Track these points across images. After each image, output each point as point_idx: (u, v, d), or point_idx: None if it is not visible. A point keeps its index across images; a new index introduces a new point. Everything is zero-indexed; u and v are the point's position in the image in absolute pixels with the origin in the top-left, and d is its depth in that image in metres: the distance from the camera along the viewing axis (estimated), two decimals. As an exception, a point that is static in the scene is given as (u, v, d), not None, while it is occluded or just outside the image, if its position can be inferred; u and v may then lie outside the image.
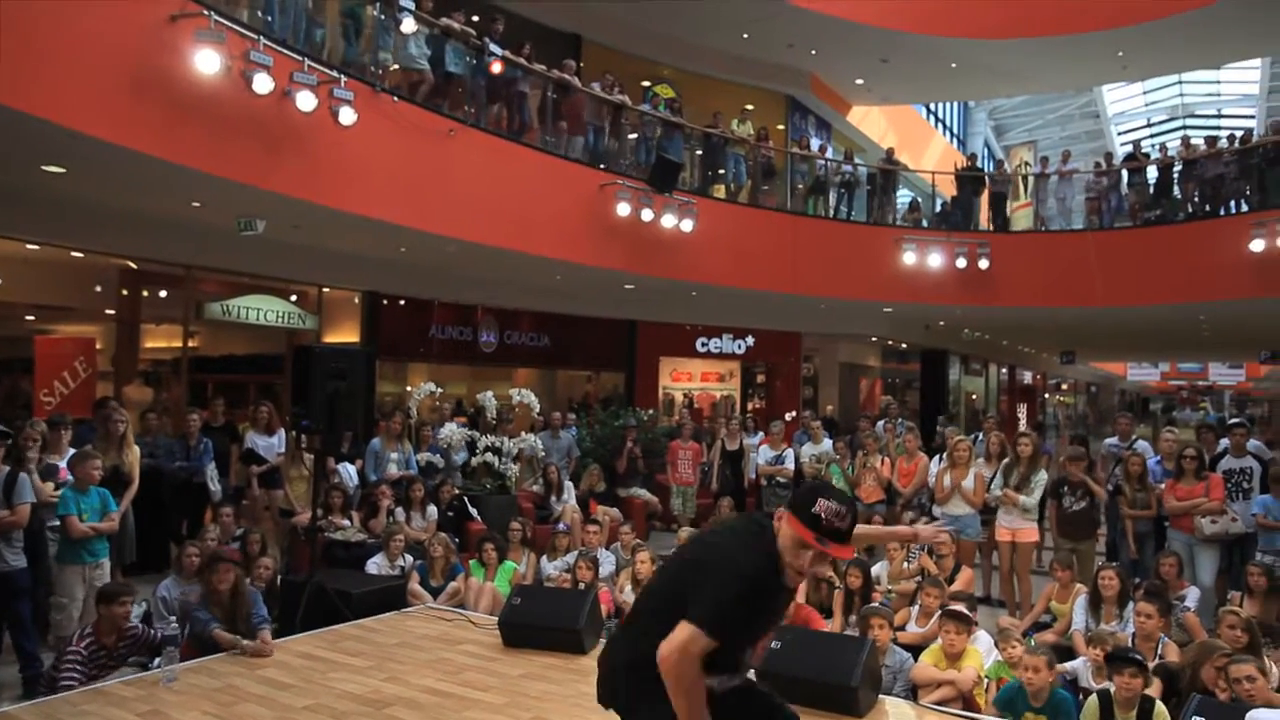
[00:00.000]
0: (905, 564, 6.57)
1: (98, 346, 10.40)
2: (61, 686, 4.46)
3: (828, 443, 9.44)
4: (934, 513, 7.65)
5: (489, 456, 9.17)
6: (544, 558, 7.10)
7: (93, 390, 9.99)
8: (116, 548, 6.16)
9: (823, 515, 2.39)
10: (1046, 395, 31.22)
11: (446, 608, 6.09)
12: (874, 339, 18.00)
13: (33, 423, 6.36)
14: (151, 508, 7.27)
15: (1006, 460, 7.46)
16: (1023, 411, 25.60)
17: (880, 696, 4.30)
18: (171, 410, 9.93)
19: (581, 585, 6.03)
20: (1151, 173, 13.46)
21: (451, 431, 9.09)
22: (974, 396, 23.03)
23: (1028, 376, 28.87)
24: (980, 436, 8.92)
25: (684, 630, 2.35)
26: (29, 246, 9.09)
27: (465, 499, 8.49)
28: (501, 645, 5.08)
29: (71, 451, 6.28)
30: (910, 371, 20.01)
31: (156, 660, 4.78)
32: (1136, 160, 13.99)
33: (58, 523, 5.68)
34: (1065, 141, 26.47)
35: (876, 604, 5.47)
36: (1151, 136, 26.18)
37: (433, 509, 7.99)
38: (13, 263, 9.34)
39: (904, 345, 18.63)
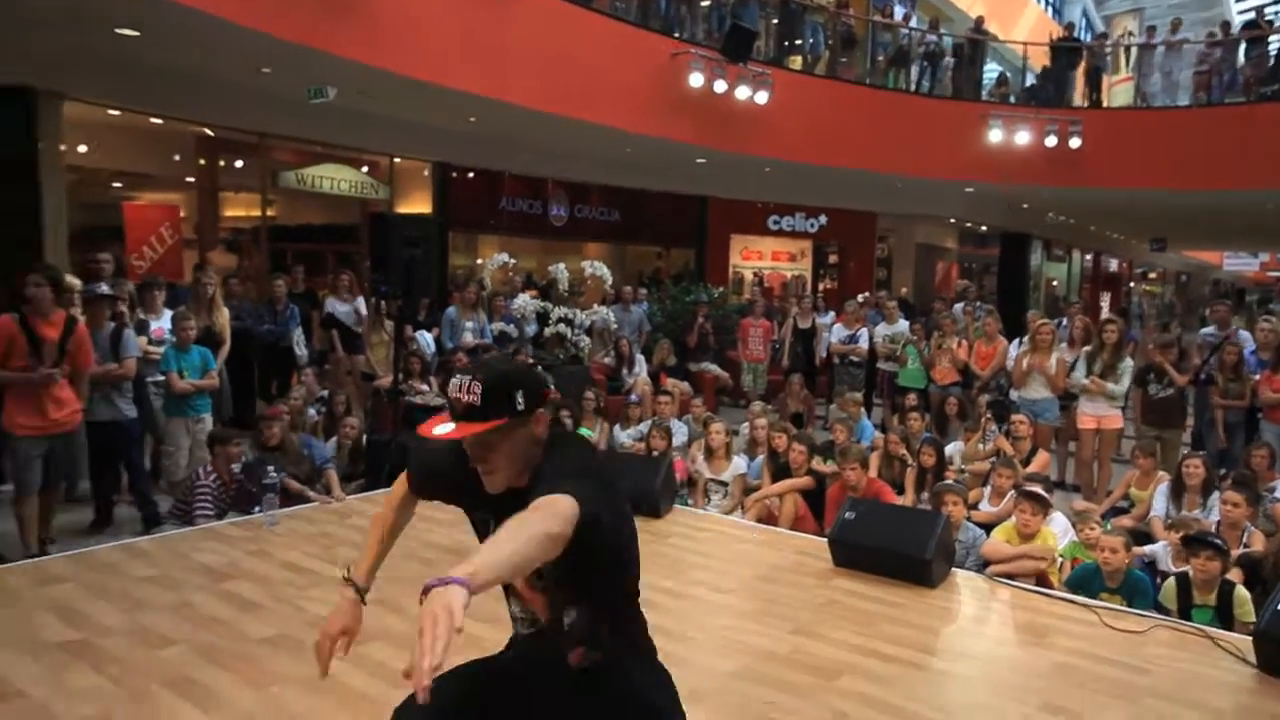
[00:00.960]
0: (980, 445, 6.52)
1: (181, 214, 10.65)
2: (198, 517, 5.00)
3: (903, 323, 9.28)
4: (1011, 396, 7.51)
5: (561, 328, 9.25)
6: (616, 427, 7.24)
7: (179, 256, 10.29)
8: (217, 404, 6.47)
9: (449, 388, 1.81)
10: (1132, 284, 30.02)
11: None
12: (952, 220, 17.39)
13: (122, 283, 6.60)
14: (240, 369, 7.58)
15: (1090, 347, 7.24)
16: (1106, 300, 24.69)
17: (953, 569, 4.34)
18: (253, 277, 10.21)
19: (655, 453, 6.14)
20: (1275, 44, 12.38)
21: (525, 302, 9.17)
22: (1054, 283, 22.27)
23: (1113, 264, 27.72)
24: (1064, 322, 8.67)
25: None
26: (111, 113, 9.20)
27: (538, 368, 8.63)
28: (579, 506, 5.25)
29: (167, 312, 6.54)
30: (989, 256, 19.36)
31: (256, 508, 5.08)
32: (1259, 29, 12.87)
33: (160, 377, 5.97)
34: (1175, 10, 24.46)
35: (950, 482, 5.46)
36: (1276, 3, 24.00)
37: (507, 377, 8.15)
38: (98, 129, 9.48)
39: (984, 228, 17.97)
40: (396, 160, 11.68)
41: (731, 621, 3.68)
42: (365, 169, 11.44)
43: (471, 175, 12.22)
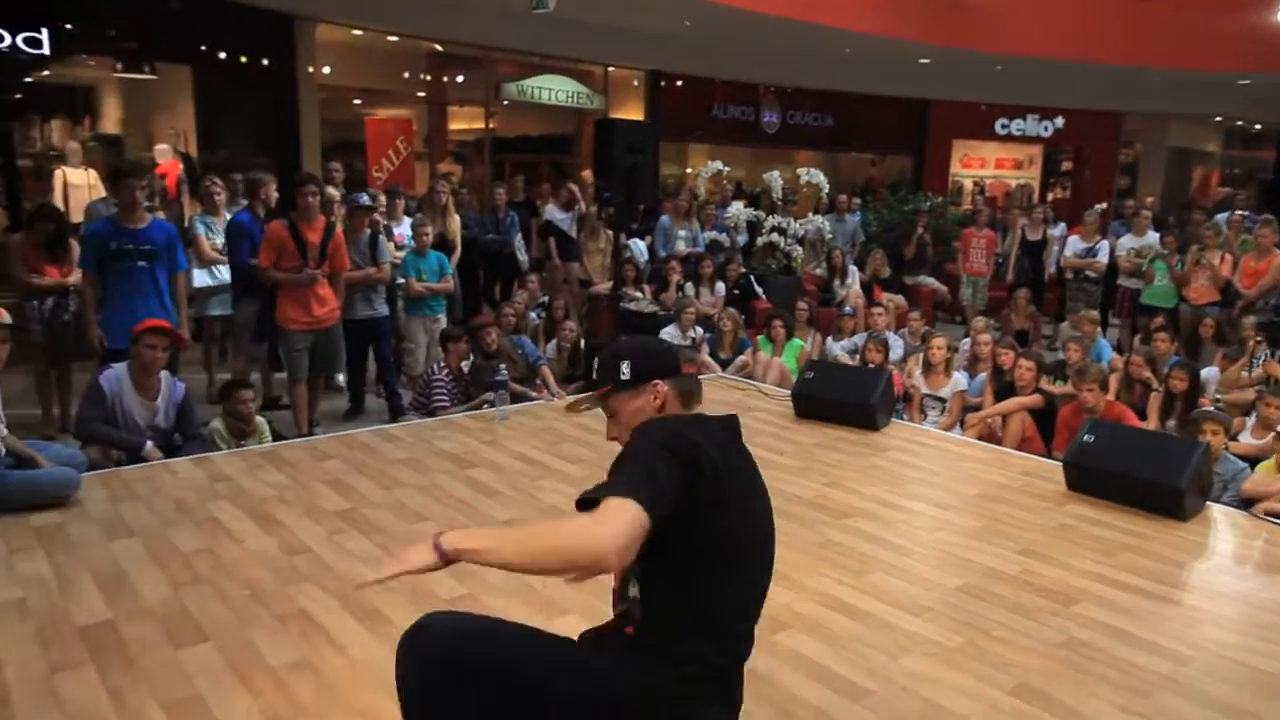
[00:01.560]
0: (1244, 372, 5.86)
1: (413, 128, 11.34)
2: (437, 408, 5.53)
3: (1153, 235, 8.38)
4: (1283, 318, 6.67)
5: (774, 237, 9.12)
6: (829, 339, 7.12)
7: (411, 168, 11.02)
8: (451, 307, 6.96)
9: None
10: None
11: (736, 378, 6.35)
12: (1218, 118, 15.35)
13: (375, 194, 7.15)
14: (467, 274, 8.07)
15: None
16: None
17: (1208, 504, 3.98)
18: (476, 187, 10.76)
19: (870, 366, 6.00)
20: None
21: (738, 211, 9.10)
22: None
23: None
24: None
25: None
26: (354, 33, 9.84)
27: (751, 278, 8.59)
28: (793, 415, 5.25)
29: (406, 220, 7.05)
30: (1259, 159, 16.99)
31: (486, 405, 5.47)
32: None
33: (401, 280, 6.47)
34: None
35: (1210, 409, 4.97)
36: None
37: (720, 285, 8.19)
38: (341, 49, 10.21)
39: (1257, 126, 15.72)
40: (610, 69, 11.77)
41: (954, 538, 3.59)
42: (580, 80, 11.62)
43: (682, 83, 12.13)
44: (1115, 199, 13.52)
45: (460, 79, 11.87)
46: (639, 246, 8.69)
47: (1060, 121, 14.22)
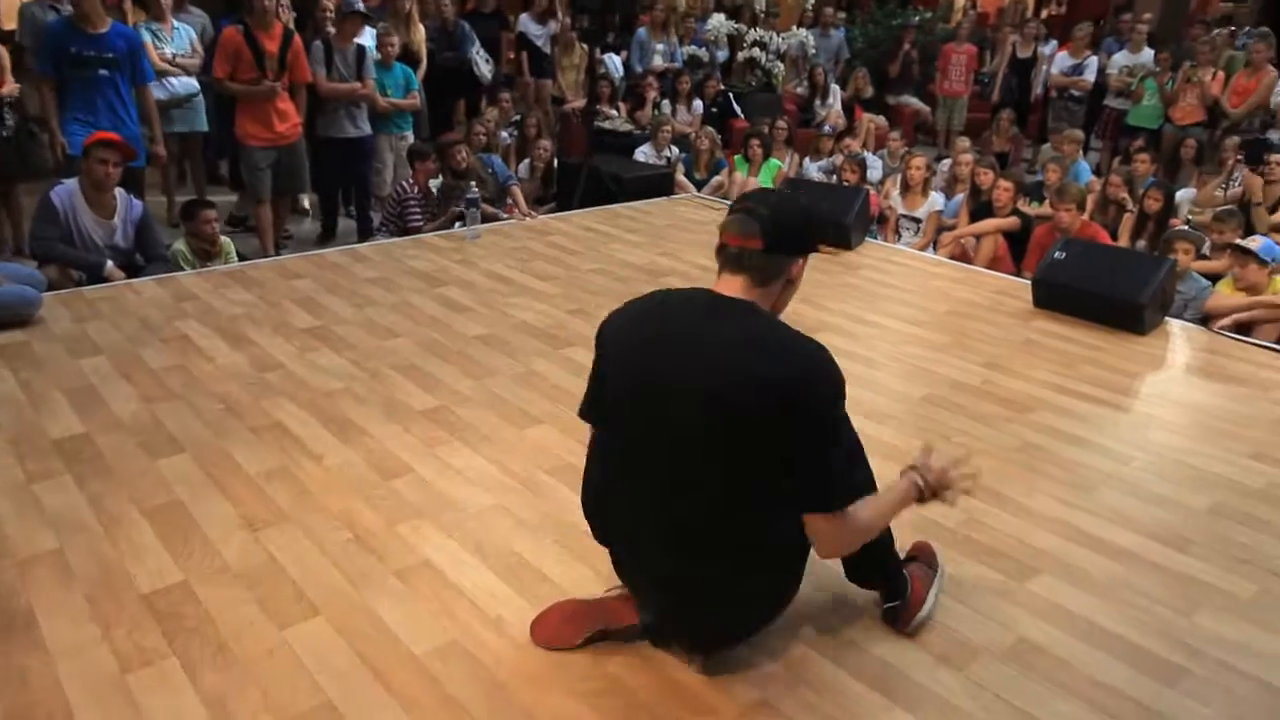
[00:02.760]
0: (1219, 191, 5.83)
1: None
2: (412, 227, 5.42)
3: (1148, 52, 8.07)
4: (1269, 138, 6.56)
5: (755, 52, 8.73)
6: (807, 159, 6.97)
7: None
8: (417, 124, 6.68)
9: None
10: None
11: (712, 198, 6.24)
12: (1226, -73, 14.49)
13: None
14: (434, 90, 7.69)
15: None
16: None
17: (1167, 319, 4.06)
18: (445, -1, 10.07)
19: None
20: None
21: (719, 23, 8.66)
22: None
23: None
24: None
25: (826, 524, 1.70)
26: None
27: (730, 95, 8.29)
28: (767, 236, 5.20)
29: (368, 30, 6.63)
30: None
31: (456, 224, 5.37)
32: None
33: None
34: None
35: (1184, 228, 4.97)
36: None
37: (698, 103, 7.92)
38: None
39: (1265, -64, 14.91)
40: None
41: (922, 351, 3.65)
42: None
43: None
44: (1112, 15, 12.95)
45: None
46: (614, 62, 8.31)
47: (1061, -72, 13.40)
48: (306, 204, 6.30)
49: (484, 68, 7.90)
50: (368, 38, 6.49)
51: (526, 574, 2.20)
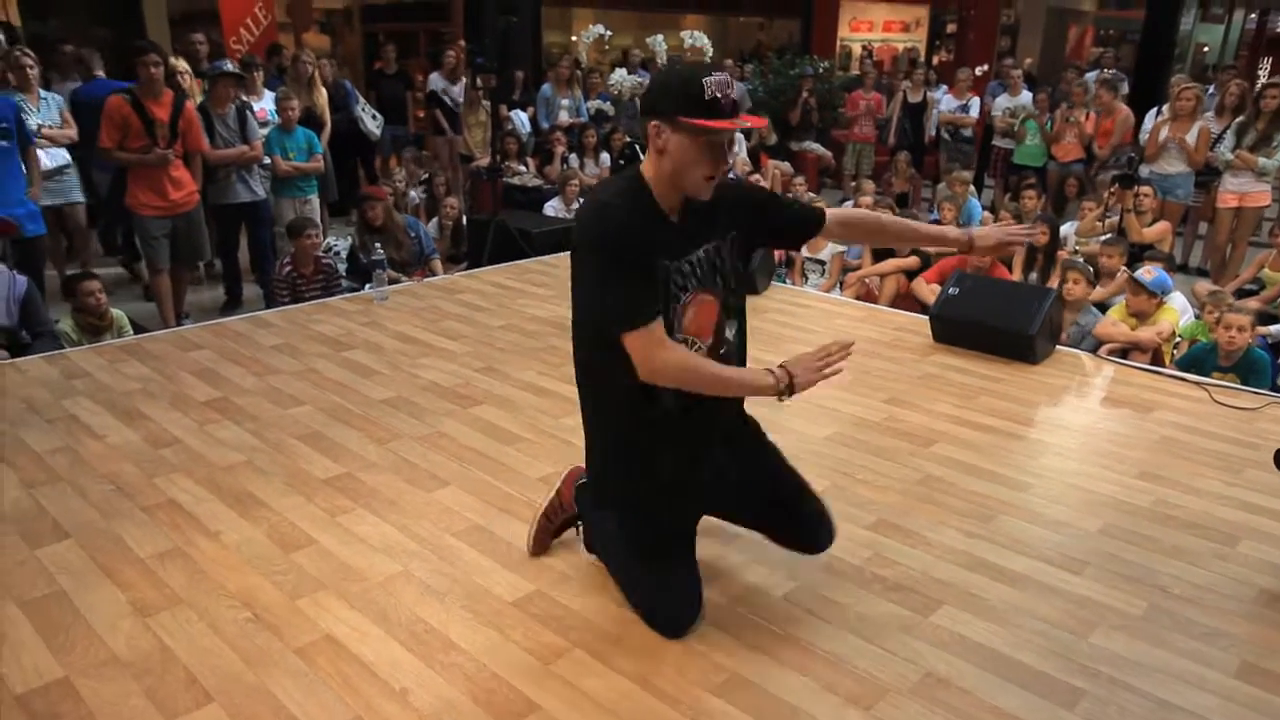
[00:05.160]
0: (1099, 221, 6.16)
1: (273, -6, 10.45)
2: (279, 303, 5.15)
3: (1027, 94, 8.56)
4: (1140, 173, 6.98)
5: (659, 106, 8.93)
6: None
7: (273, 38, 10.23)
8: (323, 186, 6.61)
9: (707, 88, 1.84)
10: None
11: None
12: (1093, -22, 15.57)
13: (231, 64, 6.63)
14: (339, 153, 7.64)
15: (1242, 118, 6.55)
16: (1265, 68, 22.05)
17: (1058, 347, 4.24)
18: (347, 60, 10.10)
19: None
20: None
21: (622, 78, 8.84)
22: (1205, 49, 19.99)
23: None
24: (1212, 90, 7.85)
25: (628, 345, 1.95)
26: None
27: (636, 146, 8.43)
28: (676, 284, 5.27)
29: (268, 93, 6.59)
30: (1130, 20, 17.37)
31: (366, 285, 5.31)
32: None
33: (267, 160, 6.10)
34: None
35: (1076, 258, 5.23)
36: None
37: (605, 156, 8.03)
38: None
39: (1129, -14, 16.05)
40: (483, -73, 11.03)
41: (826, 391, 3.71)
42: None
43: (562, -58, 11.50)
44: (996, 60, 13.70)
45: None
46: (521, 118, 8.40)
47: (945, -18, 14.18)
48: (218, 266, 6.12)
49: (370, 124, 7.86)
50: (268, 101, 6.45)
51: (434, 641, 2.14)
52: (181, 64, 6.38)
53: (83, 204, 5.97)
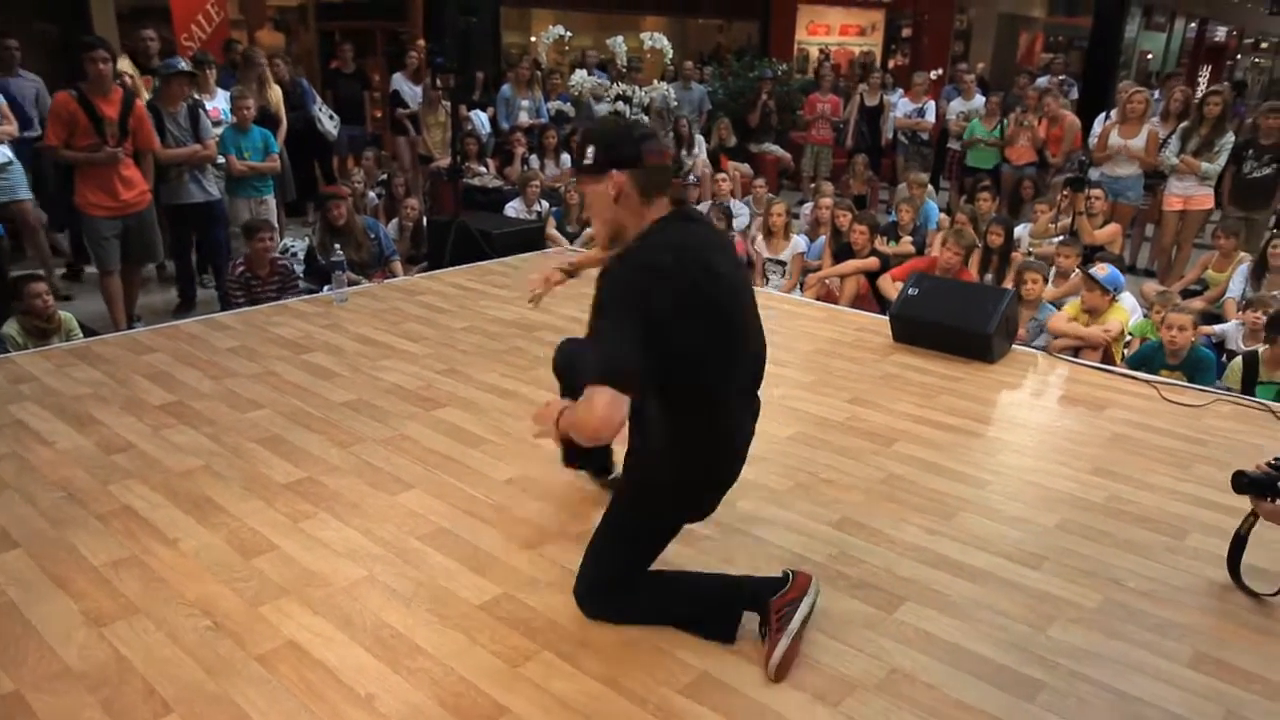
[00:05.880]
0: (1052, 224, 6.30)
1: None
2: (233, 305, 5.05)
3: (980, 99, 8.72)
4: (1091, 175, 7.14)
5: (619, 105, 8.93)
6: (675, 209, 7.14)
7: (226, 35, 10.04)
8: (279, 186, 6.50)
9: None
10: (1239, 56, 27.44)
11: (585, 250, 6.30)
12: (1043, -16, 15.91)
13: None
14: (292, 152, 7.52)
15: (1187, 123, 6.74)
16: (1205, 75, 22.77)
17: (1014, 346, 4.33)
18: (302, 59, 9.95)
19: (714, 234, 6.08)
20: None
21: (583, 79, 8.82)
22: (1149, 56, 20.55)
23: (1220, 33, 25.32)
24: (1157, 95, 8.07)
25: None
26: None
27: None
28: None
29: (221, 92, 6.46)
30: (1078, 27, 17.80)
31: (325, 286, 5.23)
32: None
33: (221, 160, 5.99)
34: None
35: (1031, 259, 5.35)
36: None
37: (565, 157, 8.01)
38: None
39: (1077, -8, 16.44)
40: (441, -74, 10.94)
41: (789, 391, 3.76)
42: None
43: (521, -59, 11.45)
44: (950, 65, 13.93)
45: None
46: (481, 119, 8.34)
47: (900, -14, 14.38)
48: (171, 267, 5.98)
49: (328, 124, 7.77)
50: (221, 100, 6.33)
51: (399, 646, 2.12)
52: (125, 63, 6.24)
53: (29, 200, 5.81)
